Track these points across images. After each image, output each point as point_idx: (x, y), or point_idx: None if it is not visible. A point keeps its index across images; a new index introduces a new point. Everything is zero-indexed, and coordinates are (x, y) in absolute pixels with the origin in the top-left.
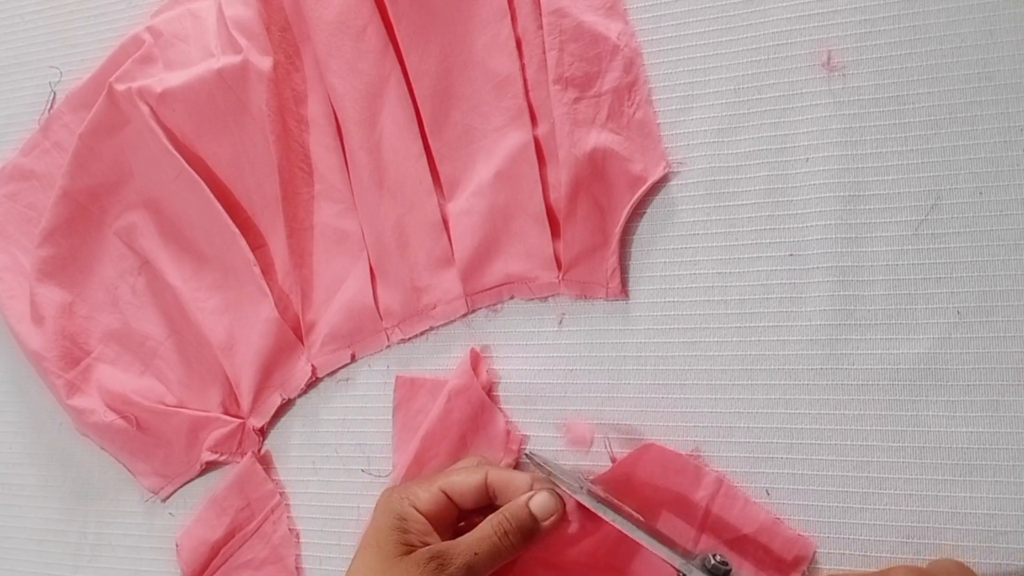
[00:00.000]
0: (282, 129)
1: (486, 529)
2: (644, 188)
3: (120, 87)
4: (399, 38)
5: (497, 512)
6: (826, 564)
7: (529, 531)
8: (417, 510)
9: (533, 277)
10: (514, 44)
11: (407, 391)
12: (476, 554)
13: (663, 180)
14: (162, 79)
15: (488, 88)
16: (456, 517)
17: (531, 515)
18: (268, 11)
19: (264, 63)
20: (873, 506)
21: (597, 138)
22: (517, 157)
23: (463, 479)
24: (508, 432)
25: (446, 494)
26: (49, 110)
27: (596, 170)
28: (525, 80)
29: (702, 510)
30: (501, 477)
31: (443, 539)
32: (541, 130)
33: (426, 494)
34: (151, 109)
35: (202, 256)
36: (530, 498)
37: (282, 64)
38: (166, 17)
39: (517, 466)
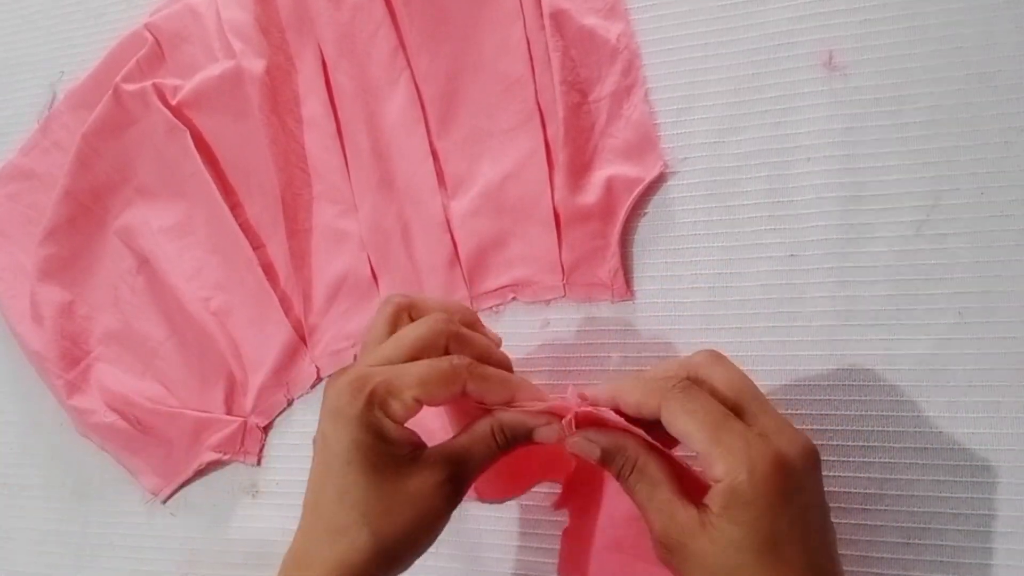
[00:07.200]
0: (280, 131)
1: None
2: (640, 188)
3: (130, 87)
4: (410, 40)
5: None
6: None
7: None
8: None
9: (538, 280)
10: (525, 47)
11: None
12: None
13: (664, 180)
14: (173, 84)
15: (498, 90)
16: None
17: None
18: (267, 12)
19: (257, 67)
20: (874, 507)
21: (597, 142)
22: (526, 160)
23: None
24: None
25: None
26: (49, 109)
27: (595, 173)
28: (535, 83)
29: None
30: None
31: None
32: (548, 133)
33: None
34: (171, 108)
35: (205, 256)
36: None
37: (282, 65)
38: (165, 14)
39: None
